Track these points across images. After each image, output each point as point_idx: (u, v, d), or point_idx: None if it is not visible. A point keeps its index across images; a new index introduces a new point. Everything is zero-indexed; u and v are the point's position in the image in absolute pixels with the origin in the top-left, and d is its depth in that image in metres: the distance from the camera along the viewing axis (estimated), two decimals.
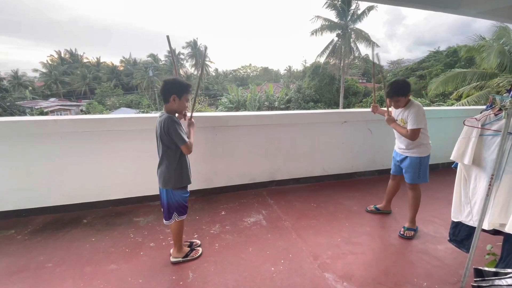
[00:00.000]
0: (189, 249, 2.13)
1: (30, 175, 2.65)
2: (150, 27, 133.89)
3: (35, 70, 41.86)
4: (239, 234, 2.44)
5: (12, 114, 26.85)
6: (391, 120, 2.43)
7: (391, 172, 2.76)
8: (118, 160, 2.84)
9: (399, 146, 2.53)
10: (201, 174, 3.15)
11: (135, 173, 2.90)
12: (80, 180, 2.78)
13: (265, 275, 1.93)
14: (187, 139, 1.82)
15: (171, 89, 1.80)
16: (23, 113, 27.30)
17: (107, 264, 2.05)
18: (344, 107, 24.46)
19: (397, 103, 2.32)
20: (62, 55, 44.60)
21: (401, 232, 2.46)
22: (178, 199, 1.98)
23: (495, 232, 1.44)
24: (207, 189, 3.21)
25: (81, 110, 31.66)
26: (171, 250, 2.15)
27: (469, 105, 10.83)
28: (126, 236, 2.40)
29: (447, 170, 4.26)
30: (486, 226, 1.32)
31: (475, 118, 1.40)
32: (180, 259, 2.06)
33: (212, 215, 2.77)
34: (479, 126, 1.37)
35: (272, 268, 2.00)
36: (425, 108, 2.56)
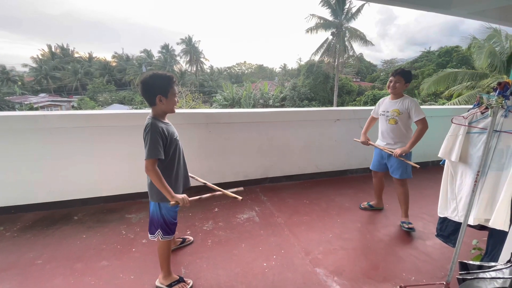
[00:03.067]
0: (178, 278, 1.79)
1: (19, 172, 2.60)
2: (144, 22, 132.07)
3: (25, 65, 40.83)
4: (232, 231, 2.45)
5: (0, 110, 26.23)
6: (403, 151, 2.38)
7: (372, 168, 2.79)
8: (109, 157, 2.81)
9: (389, 142, 2.56)
10: (194, 171, 3.12)
11: (127, 169, 2.87)
12: (70, 176, 2.75)
13: (257, 271, 1.95)
14: (157, 156, 1.48)
15: (153, 89, 1.50)
16: (12, 108, 26.67)
17: (98, 260, 2.04)
18: (338, 106, 24.63)
19: (395, 84, 2.40)
20: (53, 49, 43.59)
21: (406, 227, 2.49)
22: (165, 214, 1.68)
23: (481, 227, 1.49)
24: (199, 187, 3.19)
25: (72, 106, 31.08)
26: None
27: (460, 105, 11.04)
28: (118, 233, 2.39)
29: (437, 167, 4.35)
30: (471, 221, 1.36)
31: (463, 116, 1.43)
32: (164, 287, 1.74)
33: (205, 212, 2.77)
34: (466, 124, 1.40)
35: (264, 264, 2.01)
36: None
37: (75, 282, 1.81)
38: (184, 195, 1.60)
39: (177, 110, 3.01)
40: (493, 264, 0.99)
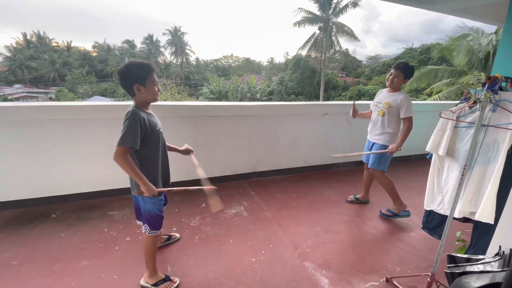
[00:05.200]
0: (164, 276, 1.73)
1: None
2: (126, 10, 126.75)
3: None
4: (220, 226, 2.41)
5: None
6: (399, 144, 2.42)
7: (363, 160, 2.86)
8: (90, 151, 2.67)
9: (374, 132, 2.61)
10: (180, 166, 3.04)
11: (109, 164, 2.72)
12: (48, 172, 2.59)
13: (246, 266, 1.92)
14: (130, 145, 1.42)
15: (130, 79, 1.45)
16: None
17: (79, 260, 1.94)
18: (324, 100, 24.91)
19: (394, 78, 2.41)
20: (29, 37, 41.00)
21: (382, 211, 2.67)
22: (149, 208, 1.62)
23: (465, 219, 1.53)
24: (186, 181, 3.11)
25: (50, 98, 29.61)
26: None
27: (440, 100, 11.44)
28: (100, 231, 2.28)
29: (420, 161, 4.49)
30: (456, 214, 1.39)
31: (451, 111, 1.45)
32: (150, 286, 1.68)
33: (192, 207, 2.71)
34: (454, 118, 1.42)
35: (253, 259, 1.99)
36: None
37: (54, 283, 1.71)
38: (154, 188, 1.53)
39: (163, 103, 2.92)
40: (481, 257, 1.01)
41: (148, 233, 1.65)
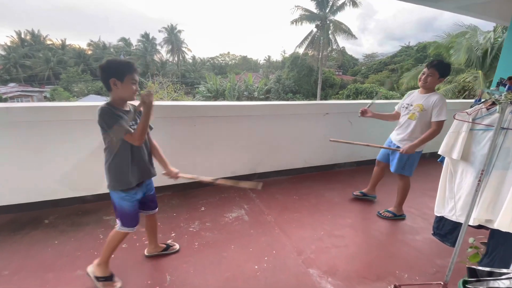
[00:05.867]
0: (110, 274, 1.71)
1: None
2: (122, 8, 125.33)
3: None
4: (220, 231, 2.32)
5: None
6: (414, 147, 2.29)
7: (377, 158, 2.79)
8: (85, 153, 2.56)
9: (401, 136, 2.44)
10: (178, 168, 2.93)
11: (102, 167, 2.63)
12: (40, 175, 2.48)
13: (248, 274, 1.84)
14: (128, 131, 1.45)
15: (108, 72, 1.45)
16: None
17: (73, 269, 1.84)
18: (321, 99, 24.87)
19: (427, 77, 2.22)
20: (23, 35, 40.30)
21: (380, 212, 2.63)
22: (121, 204, 1.62)
23: (479, 226, 1.46)
24: (185, 183, 3.03)
25: (45, 97, 29.17)
26: (146, 250, 2.01)
27: None
28: (95, 237, 2.19)
29: (421, 161, 4.43)
30: (471, 221, 1.32)
31: (466, 112, 1.38)
32: (93, 277, 1.68)
33: (191, 211, 2.62)
34: (470, 120, 1.35)
35: (256, 266, 1.92)
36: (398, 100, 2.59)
37: None
38: None
39: (161, 103, 2.82)
40: (505, 271, 0.95)
41: (118, 228, 1.67)
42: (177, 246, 2.08)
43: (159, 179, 2.89)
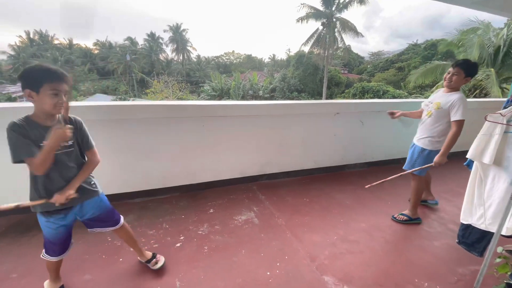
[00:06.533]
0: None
1: None
2: (128, 8, 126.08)
3: (3, 52, 38.08)
4: (230, 235, 2.26)
5: None
6: (443, 155, 2.19)
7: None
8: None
9: (419, 134, 2.42)
10: (186, 168, 2.91)
11: (110, 167, 2.59)
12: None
13: (260, 281, 1.78)
14: (25, 156, 1.26)
15: (23, 81, 1.25)
16: None
17: (80, 274, 1.80)
18: (327, 98, 24.64)
19: (453, 77, 2.15)
20: (31, 36, 40.81)
21: (395, 216, 2.54)
22: (43, 229, 1.48)
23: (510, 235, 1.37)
24: (192, 185, 2.98)
25: None
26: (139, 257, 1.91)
27: None
28: (103, 240, 2.14)
29: None
30: (504, 231, 1.23)
31: (500, 113, 1.28)
32: None
33: (199, 214, 2.56)
34: (505, 122, 1.25)
35: (268, 273, 1.84)
36: (409, 100, 2.49)
37: None
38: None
39: (168, 102, 2.76)
40: None
41: (42, 255, 1.55)
42: (158, 265, 1.84)
43: (166, 180, 2.87)
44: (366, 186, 2.23)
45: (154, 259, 1.86)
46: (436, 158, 2.20)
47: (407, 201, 2.94)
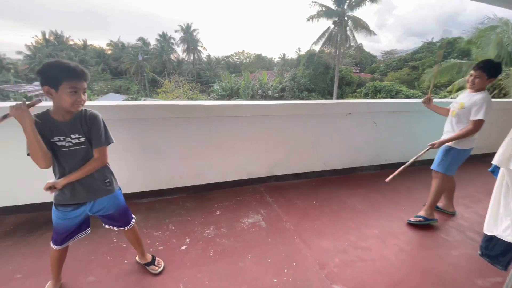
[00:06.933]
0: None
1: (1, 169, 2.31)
2: (140, 9, 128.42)
3: (19, 52, 39.59)
4: (236, 238, 2.20)
5: None
6: (443, 143, 2.29)
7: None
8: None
9: (446, 130, 2.39)
10: (194, 169, 2.88)
11: (119, 166, 2.56)
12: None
13: None
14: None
15: (42, 78, 1.24)
16: (6, 97, 25.97)
17: (85, 275, 1.78)
18: (337, 97, 24.27)
19: (475, 79, 2.13)
20: (47, 36, 42.17)
21: (410, 219, 2.45)
22: (53, 217, 1.51)
23: None
24: (200, 185, 2.94)
25: None
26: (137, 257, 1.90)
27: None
28: (109, 241, 2.13)
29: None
30: None
31: None
32: None
33: (205, 215, 2.51)
34: None
35: (275, 280, 1.77)
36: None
37: None
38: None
39: (177, 102, 2.73)
40: None
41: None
42: (158, 270, 1.81)
43: (174, 181, 2.84)
44: (387, 180, 2.27)
45: (153, 264, 1.83)
46: (437, 141, 2.29)
47: (421, 205, 2.81)
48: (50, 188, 1.36)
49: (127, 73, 39.02)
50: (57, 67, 1.26)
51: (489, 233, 1.42)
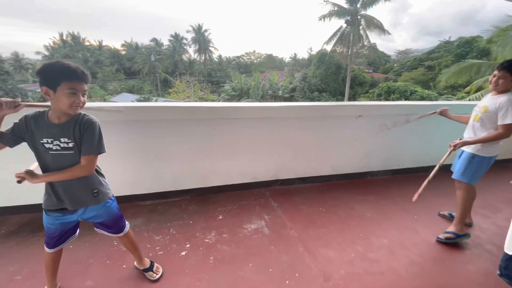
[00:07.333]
0: None
1: (3, 171, 2.33)
2: (153, 10, 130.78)
3: (38, 53, 41.21)
4: (238, 245, 2.13)
5: (13, 97, 26.53)
6: (466, 142, 2.11)
7: (452, 168, 2.43)
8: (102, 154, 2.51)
9: (468, 137, 2.23)
10: (197, 171, 2.83)
11: (122, 168, 2.57)
12: None
13: None
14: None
15: (41, 78, 1.21)
16: (25, 96, 27.01)
17: (83, 279, 1.76)
18: (349, 98, 23.82)
19: (499, 80, 1.99)
20: (64, 37, 43.64)
21: (439, 237, 2.26)
22: (43, 220, 1.52)
23: None
24: (203, 188, 2.89)
25: None
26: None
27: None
28: (109, 244, 2.10)
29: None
30: None
31: None
32: None
33: (208, 220, 2.46)
34: None
35: None
36: (451, 102, 2.20)
37: None
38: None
39: (177, 104, 2.69)
40: None
41: None
42: (156, 276, 1.77)
43: (178, 183, 2.80)
44: (413, 199, 1.98)
45: (151, 270, 1.79)
46: (458, 141, 2.12)
47: (436, 215, 2.66)
48: (23, 177, 1.28)
49: (140, 73, 39.81)
50: (57, 67, 1.23)
51: (509, 252, 1.29)
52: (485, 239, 2.32)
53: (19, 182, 1.27)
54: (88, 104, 1.41)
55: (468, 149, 2.18)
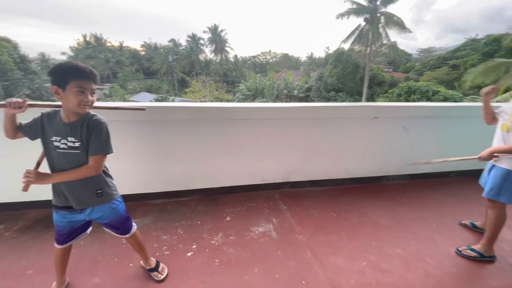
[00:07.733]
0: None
1: (20, 167, 2.43)
2: (172, 12, 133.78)
3: (63, 53, 43.38)
4: (244, 248, 2.09)
5: (40, 97, 28.07)
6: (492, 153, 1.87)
7: (480, 182, 2.20)
8: (113, 153, 2.55)
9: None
10: (207, 172, 2.82)
11: (132, 167, 2.60)
12: None
13: None
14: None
15: (52, 78, 1.25)
16: (50, 95, 28.50)
17: (91, 276, 1.79)
18: (367, 98, 23.16)
19: None
20: (88, 38, 45.65)
21: (459, 249, 2.09)
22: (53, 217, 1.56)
23: None
24: (212, 189, 2.88)
25: (104, 94, 32.49)
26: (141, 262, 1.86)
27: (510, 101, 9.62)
28: (118, 242, 2.13)
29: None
30: None
31: None
32: None
33: (215, 221, 2.44)
34: None
35: None
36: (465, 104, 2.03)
37: None
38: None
39: (188, 104, 2.69)
40: None
41: None
42: (161, 277, 1.77)
43: (188, 183, 2.81)
44: (410, 164, 2.13)
45: (157, 271, 1.80)
46: (485, 152, 1.88)
47: (456, 224, 2.49)
48: (32, 181, 1.31)
49: (158, 73, 40.85)
50: (66, 67, 1.26)
51: None
52: (510, 251, 2.14)
53: (25, 190, 1.34)
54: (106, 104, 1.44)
55: (502, 164, 1.90)
